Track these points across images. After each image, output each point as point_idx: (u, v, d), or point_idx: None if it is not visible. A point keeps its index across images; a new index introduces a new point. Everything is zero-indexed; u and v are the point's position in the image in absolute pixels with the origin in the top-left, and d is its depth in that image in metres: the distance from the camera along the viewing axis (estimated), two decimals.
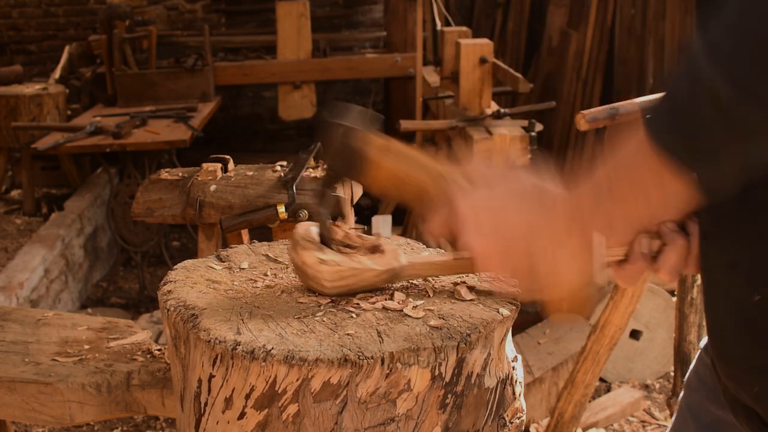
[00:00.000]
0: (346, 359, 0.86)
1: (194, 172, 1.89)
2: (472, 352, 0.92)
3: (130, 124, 4.28)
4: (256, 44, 5.66)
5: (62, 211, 4.66)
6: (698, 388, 1.17)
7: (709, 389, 1.13)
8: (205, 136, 4.66)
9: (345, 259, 1.00)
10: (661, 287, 3.48)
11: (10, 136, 4.92)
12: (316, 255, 0.99)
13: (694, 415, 1.18)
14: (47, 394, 1.48)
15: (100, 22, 5.14)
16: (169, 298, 1.01)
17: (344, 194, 1.68)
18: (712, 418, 1.13)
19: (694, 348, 2.17)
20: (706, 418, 1.15)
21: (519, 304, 1.01)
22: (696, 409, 1.17)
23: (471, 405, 0.94)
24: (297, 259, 1.01)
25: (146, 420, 3.26)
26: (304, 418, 0.89)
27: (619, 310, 2.33)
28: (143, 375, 1.51)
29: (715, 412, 1.12)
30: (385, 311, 0.98)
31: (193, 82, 4.95)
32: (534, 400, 3.15)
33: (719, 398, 1.07)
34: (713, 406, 1.12)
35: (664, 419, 3.23)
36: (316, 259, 0.99)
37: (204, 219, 1.81)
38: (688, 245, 0.93)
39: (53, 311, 1.79)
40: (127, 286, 4.71)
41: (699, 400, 1.17)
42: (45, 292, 3.96)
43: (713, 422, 1.13)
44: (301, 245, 1.00)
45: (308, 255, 0.99)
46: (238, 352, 0.88)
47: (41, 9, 6.92)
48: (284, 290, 1.05)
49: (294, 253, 1.01)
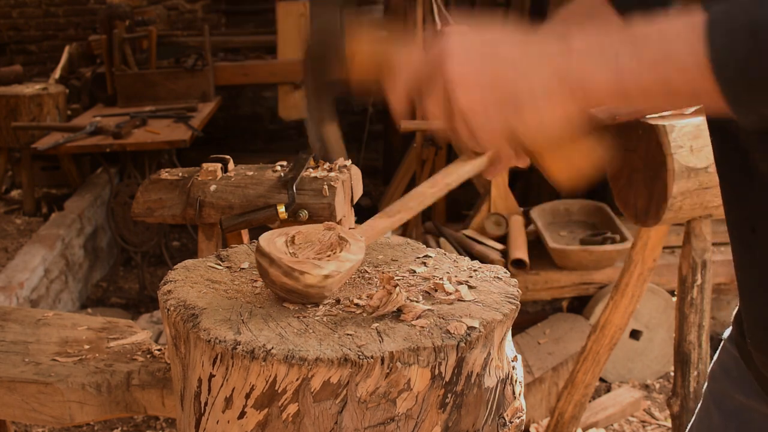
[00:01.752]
0: (346, 359, 0.86)
1: (194, 172, 1.89)
2: (472, 352, 0.92)
3: (130, 124, 4.28)
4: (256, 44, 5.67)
5: (62, 211, 4.66)
6: (722, 378, 1.18)
7: (734, 378, 1.13)
8: (205, 136, 4.66)
9: (337, 263, 0.99)
10: (661, 287, 3.48)
11: (10, 136, 4.92)
12: (319, 273, 0.96)
13: (718, 403, 1.18)
14: (47, 394, 1.48)
15: (100, 22, 5.14)
16: (169, 298, 1.01)
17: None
18: (735, 406, 1.14)
19: (694, 348, 2.17)
20: (729, 406, 1.15)
21: (519, 304, 1.01)
22: (719, 398, 1.18)
23: (471, 404, 0.94)
24: (297, 286, 0.96)
25: (146, 420, 3.26)
26: (304, 418, 0.89)
27: (619, 310, 2.33)
28: (143, 375, 1.51)
29: (739, 400, 1.12)
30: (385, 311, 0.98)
31: (193, 82, 4.95)
32: (534, 400, 3.15)
33: (745, 387, 1.07)
34: (738, 394, 1.13)
35: (664, 419, 3.23)
36: (321, 277, 0.96)
37: (204, 219, 1.81)
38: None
39: (53, 311, 1.79)
40: (127, 286, 4.71)
41: (723, 389, 1.17)
42: (45, 292, 3.96)
43: (736, 409, 1.13)
44: (296, 271, 0.95)
45: (310, 278, 0.96)
46: (238, 351, 0.88)
47: (41, 9, 6.93)
48: None
49: (292, 281, 0.96)
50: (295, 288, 0.97)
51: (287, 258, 0.97)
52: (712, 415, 1.19)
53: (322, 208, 1.73)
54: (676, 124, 1.89)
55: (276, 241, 1.00)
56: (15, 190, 5.71)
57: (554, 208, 3.94)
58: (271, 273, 0.97)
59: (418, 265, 1.13)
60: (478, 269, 1.12)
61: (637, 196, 2.01)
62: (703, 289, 2.14)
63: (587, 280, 3.56)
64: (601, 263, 3.49)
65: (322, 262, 0.98)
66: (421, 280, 1.08)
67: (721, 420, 1.16)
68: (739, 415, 1.13)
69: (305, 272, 0.96)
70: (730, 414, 1.14)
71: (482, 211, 3.81)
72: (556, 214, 3.92)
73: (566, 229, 3.83)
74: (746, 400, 1.10)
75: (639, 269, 2.27)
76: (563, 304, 3.68)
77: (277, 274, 0.96)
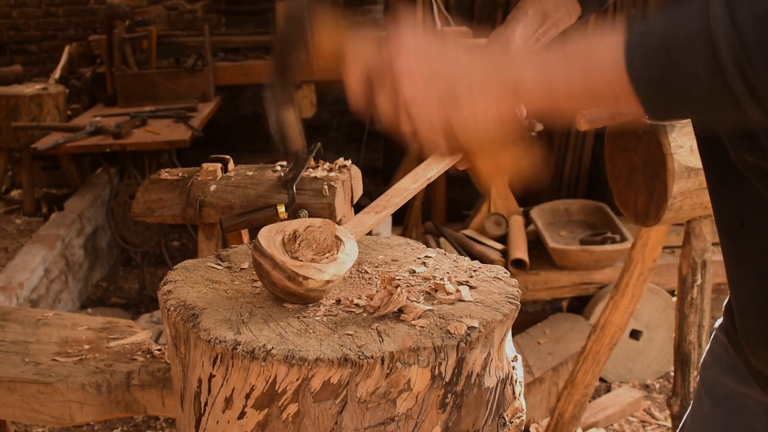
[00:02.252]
0: (346, 359, 0.86)
1: (194, 172, 1.89)
2: (472, 352, 0.92)
3: (130, 124, 4.28)
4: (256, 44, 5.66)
5: (62, 211, 4.66)
6: (712, 366, 1.20)
7: (723, 365, 1.16)
8: (205, 136, 4.66)
9: (336, 266, 1.00)
10: (661, 287, 3.48)
11: (10, 136, 4.92)
12: (321, 278, 0.97)
13: (708, 391, 1.20)
14: (47, 394, 1.48)
15: (100, 22, 5.14)
16: (169, 298, 1.01)
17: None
18: (725, 392, 1.16)
19: (694, 348, 2.17)
20: (719, 392, 1.18)
21: (519, 304, 1.01)
22: (710, 385, 1.20)
23: (471, 405, 0.94)
24: (299, 290, 0.97)
25: (146, 420, 3.26)
26: (304, 418, 0.89)
27: (619, 310, 2.33)
28: (143, 375, 1.51)
29: (730, 386, 1.15)
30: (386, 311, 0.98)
31: (193, 82, 4.94)
32: (534, 400, 3.15)
33: (735, 373, 1.09)
34: (728, 381, 1.15)
35: (664, 419, 3.23)
36: (323, 282, 0.97)
37: (204, 219, 1.81)
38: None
39: (53, 311, 1.79)
40: (127, 286, 4.71)
41: (713, 376, 1.19)
42: (45, 292, 3.96)
43: (727, 395, 1.16)
44: (300, 276, 0.96)
45: (314, 282, 0.97)
46: (238, 351, 0.88)
47: (41, 9, 6.92)
48: None
49: (295, 285, 0.97)
50: (296, 291, 0.98)
51: (291, 262, 0.97)
52: (704, 403, 1.20)
53: (322, 208, 1.73)
54: (676, 124, 1.89)
55: (275, 240, 1.00)
56: (15, 190, 5.71)
57: (554, 208, 3.94)
58: (273, 276, 0.97)
59: (418, 266, 1.13)
60: (478, 269, 1.12)
61: (637, 196, 2.01)
62: (703, 289, 2.14)
63: (587, 280, 3.56)
64: (601, 263, 3.49)
65: (323, 266, 0.98)
66: (421, 280, 1.08)
67: (711, 407, 1.18)
68: (729, 402, 1.14)
69: (309, 278, 0.96)
70: (721, 400, 1.16)
71: (482, 211, 3.81)
72: (556, 214, 3.92)
73: (566, 229, 3.84)
74: (736, 386, 1.12)
75: (639, 269, 2.27)
76: (563, 304, 3.68)
77: (280, 277, 0.97)
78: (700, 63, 0.71)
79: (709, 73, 0.71)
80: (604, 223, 3.76)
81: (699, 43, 0.71)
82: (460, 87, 0.88)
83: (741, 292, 1.02)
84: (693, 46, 0.72)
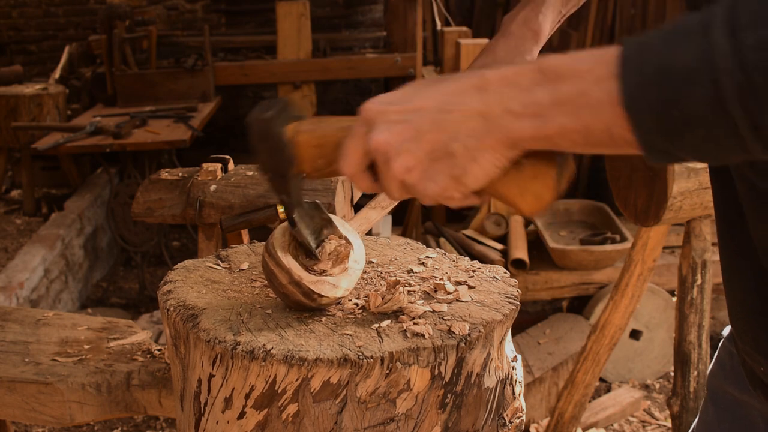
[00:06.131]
0: (346, 359, 0.86)
1: (194, 172, 1.89)
2: (471, 352, 0.92)
3: (130, 124, 4.28)
4: (256, 44, 5.66)
5: (62, 211, 4.66)
6: (718, 374, 1.20)
7: (728, 373, 1.15)
8: (205, 136, 4.66)
9: (348, 279, 1.00)
10: (661, 287, 3.48)
11: (10, 136, 4.92)
12: (335, 295, 0.98)
13: (714, 399, 1.20)
14: (47, 394, 1.48)
15: (100, 22, 5.14)
16: (169, 298, 1.01)
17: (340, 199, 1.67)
18: (729, 401, 1.16)
19: (694, 348, 2.17)
20: (724, 401, 1.17)
21: (519, 304, 1.01)
22: (715, 394, 1.20)
23: (471, 405, 0.94)
24: (312, 305, 0.98)
25: (146, 420, 3.26)
26: (304, 418, 0.89)
27: (619, 310, 2.33)
28: (143, 375, 1.51)
29: (733, 394, 1.14)
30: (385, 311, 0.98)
31: (193, 82, 4.94)
32: (534, 400, 3.15)
33: (739, 382, 1.09)
34: (732, 389, 1.15)
35: (664, 419, 3.23)
36: (336, 298, 0.99)
37: (204, 219, 1.81)
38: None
39: (53, 311, 1.79)
40: (127, 286, 4.71)
41: (718, 385, 1.19)
42: (45, 292, 3.96)
43: (731, 404, 1.15)
44: (315, 293, 0.96)
45: (327, 299, 0.98)
46: (238, 351, 0.88)
47: (41, 9, 6.92)
48: None
49: (309, 301, 0.97)
50: (308, 306, 0.98)
51: (307, 278, 0.97)
52: (709, 411, 1.20)
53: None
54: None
55: (289, 247, 0.99)
56: (15, 190, 5.71)
57: (554, 208, 3.93)
58: (287, 288, 0.97)
59: (417, 266, 1.13)
60: (478, 269, 1.12)
61: (637, 196, 2.00)
62: (703, 289, 2.14)
63: (587, 280, 3.56)
64: (601, 263, 3.49)
65: (337, 279, 0.99)
66: (421, 280, 1.08)
67: (716, 415, 1.18)
68: (732, 410, 1.14)
69: (324, 296, 0.97)
70: (725, 409, 1.16)
71: (482, 211, 3.81)
72: (556, 214, 3.92)
73: (566, 229, 3.84)
74: (740, 395, 1.12)
75: (639, 269, 2.27)
76: (563, 304, 3.68)
77: (295, 291, 0.97)
78: (701, 98, 0.64)
79: (711, 110, 0.64)
80: (604, 223, 3.76)
81: (700, 77, 0.64)
82: (455, 151, 0.79)
83: (735, 291, 1.01)
84: (693, 80, 0.64)
